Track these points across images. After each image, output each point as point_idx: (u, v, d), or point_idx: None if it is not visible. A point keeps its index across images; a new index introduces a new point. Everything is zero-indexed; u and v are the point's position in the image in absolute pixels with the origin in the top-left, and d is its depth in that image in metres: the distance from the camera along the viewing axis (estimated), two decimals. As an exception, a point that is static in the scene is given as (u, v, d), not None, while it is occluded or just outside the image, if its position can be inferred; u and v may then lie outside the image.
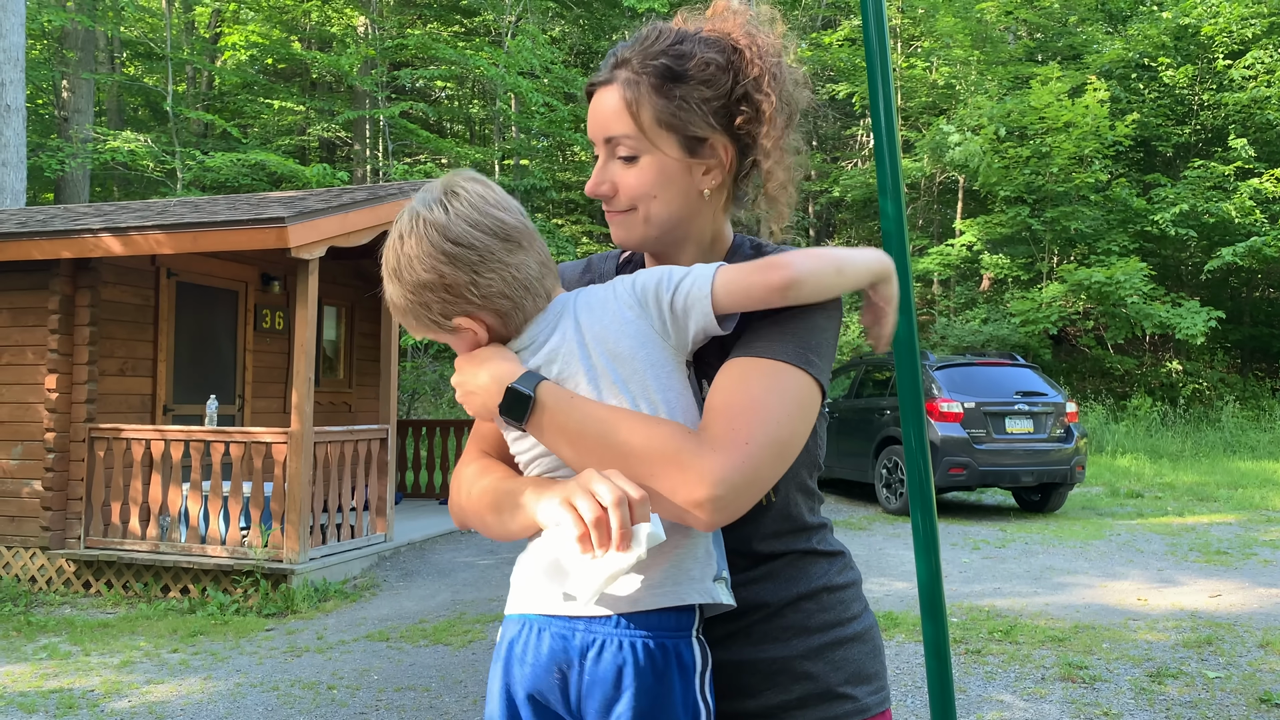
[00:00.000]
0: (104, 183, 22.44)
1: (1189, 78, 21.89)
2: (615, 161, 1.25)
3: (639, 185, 1.24)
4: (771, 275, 1.16)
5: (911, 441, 2.02)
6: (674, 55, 1.22)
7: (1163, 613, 6.17)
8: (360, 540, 7.83)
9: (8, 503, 7.54)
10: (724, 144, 1.24)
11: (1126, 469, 14.75)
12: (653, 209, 1.25)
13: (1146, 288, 18.46)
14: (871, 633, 1.32)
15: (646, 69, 1.22)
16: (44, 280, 7.51)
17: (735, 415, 1.11)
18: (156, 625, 6.28)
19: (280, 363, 9.86)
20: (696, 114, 1.22)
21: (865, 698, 1.26)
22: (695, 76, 1.22)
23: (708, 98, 1.22)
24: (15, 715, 4.55)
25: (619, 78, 1.24)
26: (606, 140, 1.25)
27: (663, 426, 1.11)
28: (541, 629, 1.14)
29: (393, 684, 4.95)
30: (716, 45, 1.24)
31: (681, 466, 1.07)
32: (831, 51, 23.83)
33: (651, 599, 1.12)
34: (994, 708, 4.44)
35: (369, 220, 7.57)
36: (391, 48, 20.34)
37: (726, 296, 1.16)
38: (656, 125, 1.22)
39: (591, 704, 1.11)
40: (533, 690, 1.14)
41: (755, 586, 1.24)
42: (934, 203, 24.23)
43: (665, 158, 1.23)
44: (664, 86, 1.21)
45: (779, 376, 1.14)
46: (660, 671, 1.10)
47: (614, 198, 1.26)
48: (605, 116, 1.24)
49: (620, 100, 1.23)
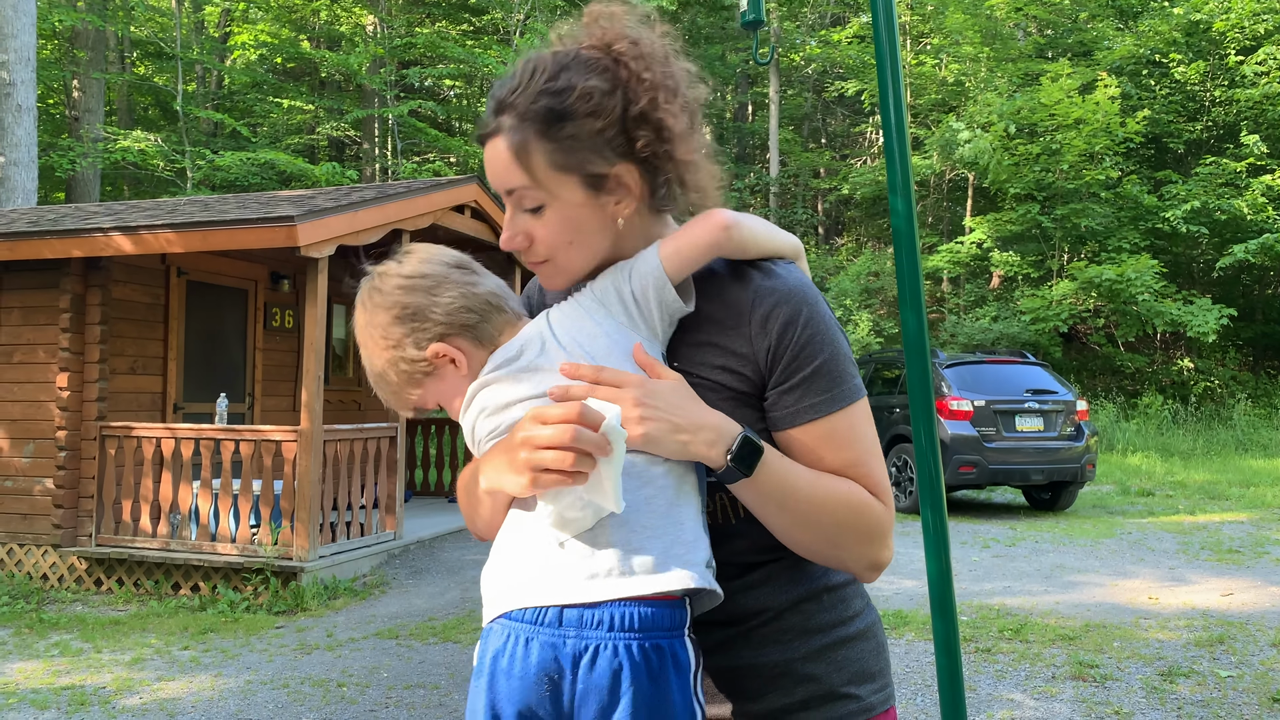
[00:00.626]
0: (114, 182, 22.54)
1: (1200, 74, 21.78)
2: (523, 215, 1.19)
3: (550, 236, 1.19)
4: (712, 219, 1.17)
5: (922, 440, 2.01)
6: (553, 92, 1.14)
7: (1174, 611, 6.14)
8: (370, 538, 7.85)
9: (20, 500, 7.58)
10: (629, 171, 1.17)
11: (1137, 467, 14.69)
12: (571, 257, 1.21)
13: (1158, 285, 18.38)
14: (873, 630, 1.30)
15: (529, 114, 1.14)
16: (55, 279, 7.55)
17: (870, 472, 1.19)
18: (167, 623, 6.31)
19: (290, 361, 9.88)
20: (591, 151, 1.15)
21: (869, 696, 1.24)
22: (581, 110, 1.14)
23: (599, 129, 1.14)
24: (28, 712, 4.57)
25: (504, 126, 1.16)
26: (508, 192, 1.19)
27: (855, 491, 1.17)
28: (529, 639, 1.08)
29: (402, 681, 4.96)
30: (598, 67, 1.16)
31: (875, 537, 1.19)
32: (840, 49, 23.79)
33: (646, 583, 1.08)
34: (1004, 706, 4.42)
35: (378, 219, 7.58)
36: (400, 46, 20.38)
37: (674, 259, 1.17)
38: (552, 171, 1.15)
39: (587, 713, 1.07)
40: (521, 706, 1.08)
41: (754, 591, 1.22)
42: (943, 200, 24.17)
43: (569, 203, 1.17)
44: (550, 129, 1.14)
45: (859, 417, 1.20)
46: (656, 674, 1.07)
47: (530, 249, 1.21)
48: (498, 169, 1.18)
49: (508, 152, 1.16)
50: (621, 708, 1.05)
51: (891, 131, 1.94)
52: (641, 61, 1.17)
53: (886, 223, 25.48)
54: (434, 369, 1.23)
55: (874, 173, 23.28)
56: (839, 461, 1.17)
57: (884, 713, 1.26)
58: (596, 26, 1.19)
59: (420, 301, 1.22)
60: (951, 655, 1.99)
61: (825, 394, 1.17)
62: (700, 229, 1.18)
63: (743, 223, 1.18)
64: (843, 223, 29.29)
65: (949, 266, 21.15)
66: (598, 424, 1.03)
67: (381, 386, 1.27)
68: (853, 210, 27.39)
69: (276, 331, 9.75)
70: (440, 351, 1.22)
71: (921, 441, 2.01)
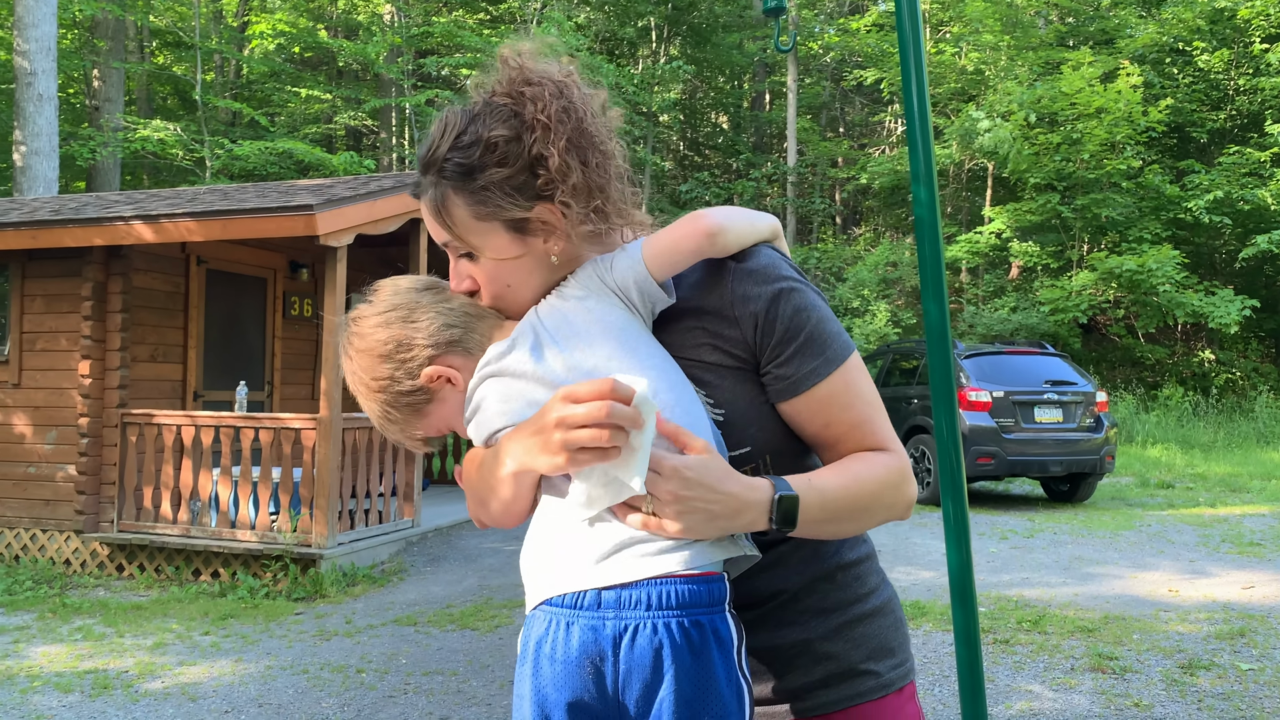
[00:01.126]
0: (134, 171, 22.67)
1: (1224, 62, 21.52)
2: (463, 260, 1.25)
3: (490, 282, 1.24)
4: (697, 224, 1.19)
5: (943, 430, 2.00)
6: (461, 148, 1.19)
7: (1194, 604, 6.11)
8: (388, 526, 7.89)
9: (43, 487, 7.66)
10: (548, 210, 1.19)
11: (1157, 459, 14.59)
12: (514, 297, 1.26)
13: (1179, 276, 18.21)
14: (890, 605, 1.31)
15: (443, 171, 1.20)
16: (77, 267, 7.61)
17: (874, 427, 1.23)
18: (188, 608, 6.37)
19: (308, 349, 9.93)
20: (504, 199, 1.18)
21: (888, 672, 1.26)
22: (488, 162, 1.18)
23: (508, 177, 1.18)
24: (52, 695, 4.63)
25: (424, 185, 1.22)
26: (444, 244, 1.25)
27: (874, 462, 1.21)
28: (569, 623, 1.09)
29: (420, 668, 4.99)
30: (503, 115, 1.20)
31: (898, 486, 1.23)
32: (859, 37, 23.64)
33: (679, 558, 1.08)
34: (1022, 697, 4.41)
35: (396, 208, 7.60)
36: (417, 36, 20.40)
37: (658, 261, 1.20)
38: (474, 221, 1.20)
39: (631, 693, 1.07)
40: (567, 692, 1.08)
41: (769, 574, 1.23)
42: (963, 190, 24.01)
43: (499, 249, 1.21)
44: (464, 183, 1.19)
45: (854, 374, 1.23)
46: (698, 650, 1.06)
47: (478, 292, 1.27)
48: (431, 224, 1.24)
49: (431, 210, 1.22)
50: (665, 685, 1.06)
51: (914, 120, 1.92)
52: (540, 103, 1.19)
53: (905, 212, 25.37)
54: (433, 394, 1.26)
55: (893, 162, 23.14)
56: (845, 421, 1.21)
57: (903, 688, 1.27)
58: (506, 69, 1.23)
59: (400, 333, 1.25)
60: (971, 646, 1.99)
61: (819, 358, 1.20)
62: (685, 235, 1.20)
63: (727, 228, 1.20)
64: (860, 212, 29.15)
65: (968, 257, 21.01)
66: (629, 397, 1.03)
67: (389, 428, 1.30)
68: (871, 200, 27.24)
69: (295, 320, 9.80)
70: (435, 374, 1.25)
71: (943, 432, 2.00)
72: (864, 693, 1.23)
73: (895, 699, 1.26)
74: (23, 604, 6.49)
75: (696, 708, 1.06)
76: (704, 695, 1.06)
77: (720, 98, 30.28)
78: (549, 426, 1.07)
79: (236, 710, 4.40)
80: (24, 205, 8.91)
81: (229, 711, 4.38)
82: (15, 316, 7.80)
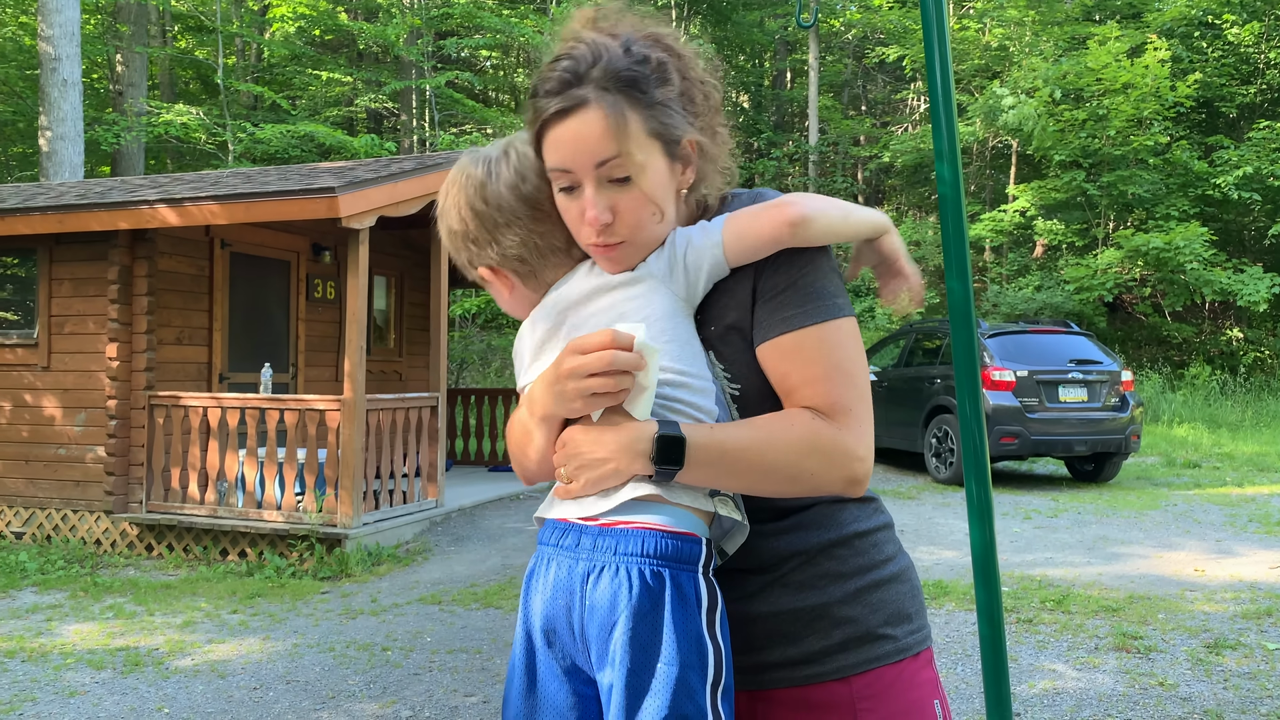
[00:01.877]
0: (158, 155, 22.82)
1: (1255, 35, 21.14)
2: (609, 186, 1.19)
3: (636, 209, 1.20)
4: (781, 212, 1.20)
5: (967, 410, 1.99)
6: (636, 61, 1.17)
7: (1221, 584, 6.07)
8: (412, 506, 7.96)
9: (73, 468, 7.77)
10: (690, 142, 1.22)
11: (1184, 439, 14.46)
12: (655, 230, 1.22)
13: (1207, 253, 17.97)
14: (908, 573, 1.33)
15: (618, 81, 1.16)
16: (103, 251, 7.68)
17: (830, 389, 1.19)
18: (216, 587, 6.46)
19: (332, 332, 10.00)
20: (676, 115, 1.20)
21: (905, 637, 1.28)
22: (660, 78, 1.19)
23: (674, 96, 1.20)
24: (85, 672, 4.71)
25: (590, 98, 1.16)
26: (598, 165, 1.17)
27: (797, 424, 1.18)
28: (550, 559, 1.18)
29: (445, 646, 5.05)
30: (647, 44, 1.21)
31: (832, 457, 1.18)
32: (881, 14, 23.39)
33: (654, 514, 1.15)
34: (1046, 677, 4.41)
35: (417, 190, 7.62)
36: (437, 17, 20.36)
37: (736, 245, 1.21)
38: (645, 137, 1.18)
39: (592, 629, 1.13)
40: (545, 621, 1.17)
41: (786, 536, 1.26)
42: (986, 168, 23.77)
43: (657, 171, 1.20)
44: (642, 95, 1.17)
45: (833, 333, 1.21)
46: (656, 598, 1.11)
47: (610, 228, 1.20)
48: (590, 142, 1.17)
49: (604, 121, 1.16)
50: (620, 626, 1.11)
51: (938, 98, 1.90)
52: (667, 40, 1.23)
53: (927, 191, 25.14)
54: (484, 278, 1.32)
55: (915, 140, 22.93)
56: (802, 375, 1.19)
57: (920, 653, 1.29)
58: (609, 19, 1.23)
59: (483, 235, 1.28)
60: (995, 625, 1.98)
61: (798, 309, 1.21)
62: (767, 221, 1.21)
63: (812, 218, 1.20)
64: (883, 191, 28.93)
65: (992, 235, 20.83)
66: (630, 344, 1.10)
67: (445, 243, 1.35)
68: (893, 178, 27.03)
69: (319, 302, 9.87)
70: (486, 276, 1.31)
71: (966, 411, 1.99)
72: (881, 656, 1.25)
73: (912, 663, 1.28)
74: (55, 583, 6.61)
75: (650, 652, 1.09)
76: (656, 641, 1.10)
77: (741, 76, 30.08)
78: (562, 376, 1.14)
79: (265, 687, 4.46)
80: (50, 190, 9.00)
81: (258, 688, 4.45)
82: (43, 300, 7.89)
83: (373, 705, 4.22)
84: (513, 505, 9.03)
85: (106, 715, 4.15)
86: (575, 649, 1.16)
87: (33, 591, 6.41)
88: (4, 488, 7.99)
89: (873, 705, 1.23)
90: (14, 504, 7.95)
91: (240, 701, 4.29)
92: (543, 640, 1.18)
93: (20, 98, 20.28)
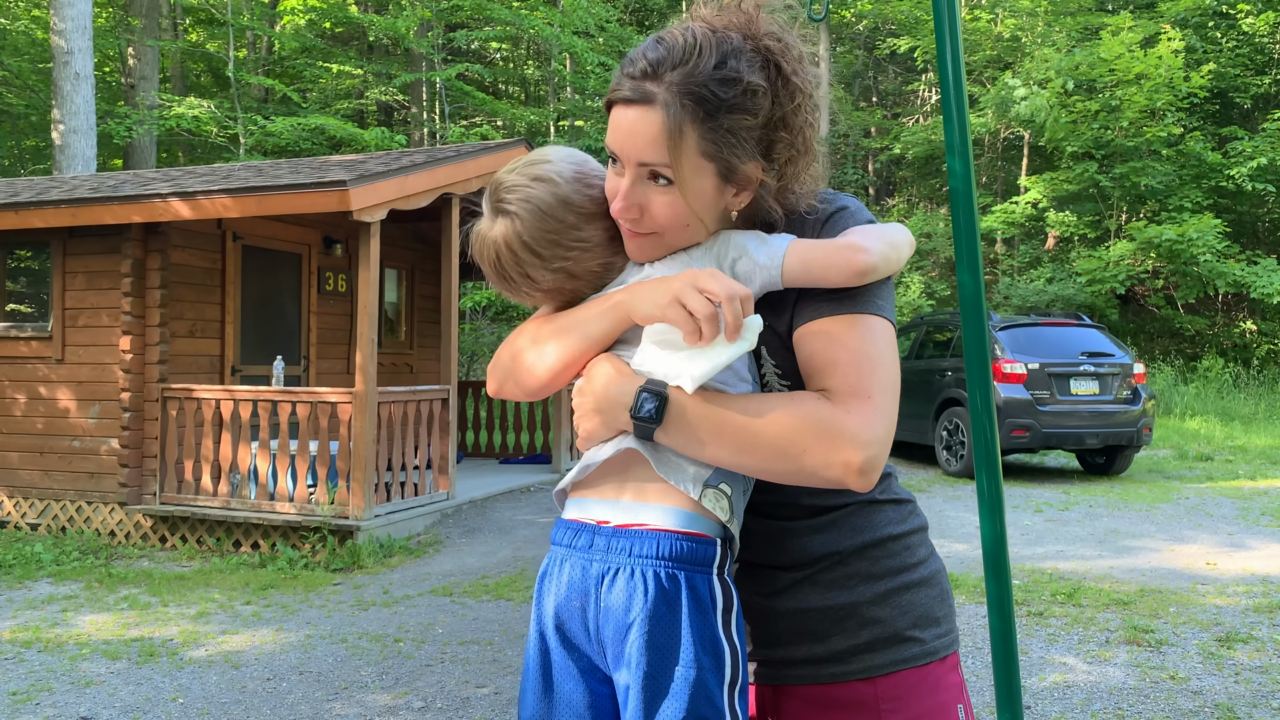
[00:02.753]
0: (169, 148, 22.88)
1: (1270, 25, 20.96)
2: (646, 184, 1.17)
3: (673, 215, 1.18)
4: (853, 259, 1.16)
5: (977, 402, 1.99)
6: (721, 81, 1.13)
7: (1232, 577, 6.05)
8: (423, 498, 7.99)
9: (87, 460, 7.83)
10: (757, 169, 1.19)
11: (1196, 431, 14.40)
12: (680, 237, 1.21)
13: (1220, 245, 17.86)
14: (938, 577, 1.33)
15: (691, 94, 1.12)
16: (116, 244, 7.72)
17: (848, 373, 1.15)
18: (229, 578, 6.50)
19: (343, 324, 10.03)
20: (740, 145, 1.16)
21: (932, 641, 1.27)
22: (740, 105, 1.14)
23: (750, 126, 1.15)
24: (100, 662, 4.76)
25: (658, 99, 1.13)
26: (640, 164, 1.16)
27: (798, 400, 1.14)
28: (564, 559, 1.18)
29: (457, 637, 5.07)
30: (759, 64, 1.15)
31: (830, 437, 1.10)
32: (893, 4, 23.27)
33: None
34: (1056, 670, 4.41)
35: (428, 183, 7.63)
36: (447, 9, 20.33)
37: (799, 272, 1.18)
38: (698, 157, 1.15)
39: (607, 631, 1.13)
40: (559, 620, 1.17)
41: (820, 535, 1.26)
42: (998, 159, 23.66)
43: (699, 190, 1.17)
44: (709, 117, 1.13)
45: (865, 325, 1.18)
46: (672, 601, 1.10)
47: (640, 220, 1.19)
48: (640, 141, 1.15)
49: (661, 128, 1.13)
50: (636, 629, 1.11)
51: (949, 92, 1.90)
52: (789, 64, 1.17)
53: (939, 183, 25.05)
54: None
55: (926, 132, 22.84)
56: (825, 359, 1.16)
57: (946, 657, 1.29)
58: (741, 13, 1.18)
59: (528, 261, 1.26)
60: (1005, 618, 1.99)
61: (833, 301, 1.18)
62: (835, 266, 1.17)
63: (878, 269, 1.18)
64: (894, 183, 28.82)
65: (1003, 227, 20.74)
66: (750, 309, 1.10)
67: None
68: (904, 170, 26.93)
69: (330, 295, 9.90)
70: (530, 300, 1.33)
71: (977, 404, 1.99)
72: (908, 659, 1.25)
73: (938, 667, 1.27)
74: (70, 574, 6.66)
75: (667, 655, 1.09)
76: (673, 644, 1.10)
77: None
78: (685, 281, 1.12)
79: (278, 678, 4.50)
80: (64, 183, 9.05)
81: (271, 679, 4.48)
82: (57, 293, 7.94)
83: (385, 696, 4.25)
84: (524, 497, 9.06)
85: (122, 705, 4.19)
86: (591, 649, 1.16)
87: (48, 582, 6.46)
88: (19, 479, 8.05)
89: (896, 707, 1.23)
90: (29, 495, 8.01)
91: (254, 692, 4.32)
92: (557, 640, 1.17)
93: (33, 91, 20.37)
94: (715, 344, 1.10)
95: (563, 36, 18.66)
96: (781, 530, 1.26)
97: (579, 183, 1.26)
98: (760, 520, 1.26)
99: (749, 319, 1.10)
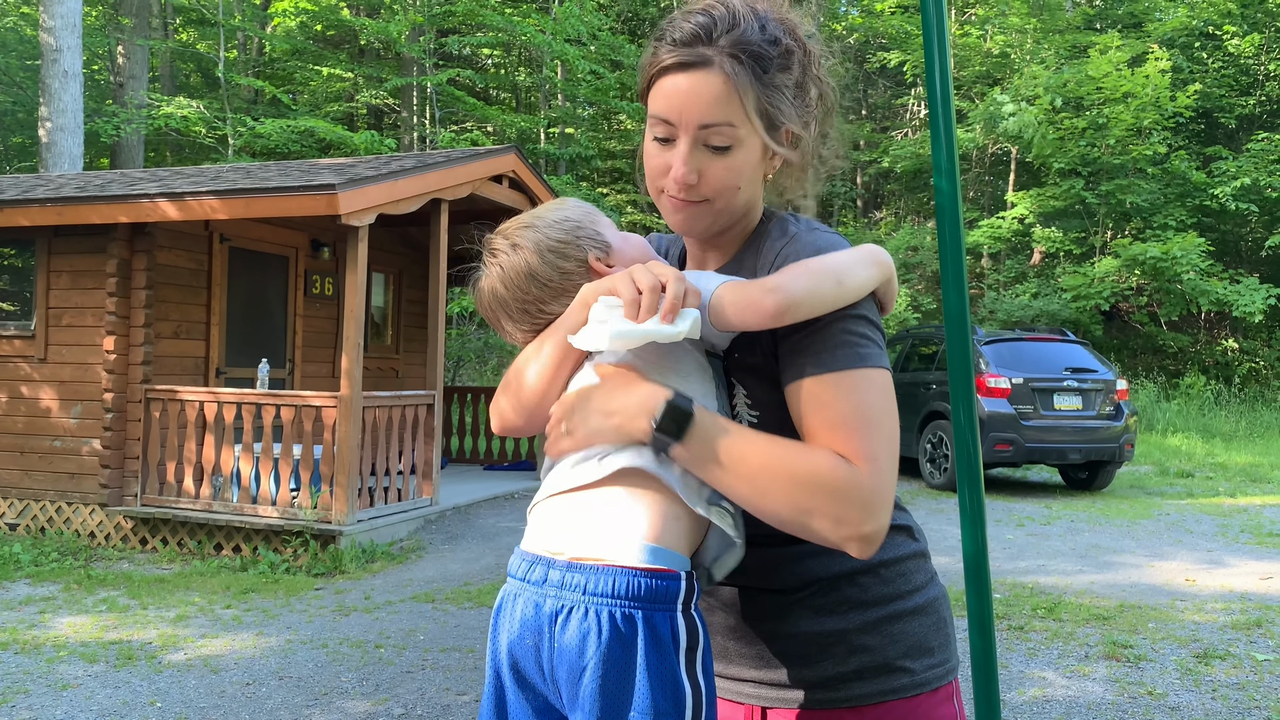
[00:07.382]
0: (158, 148, 22.79)
1: (1255, 46, 21.22)
2: (704, 149, 1.19)
3: (729, 177, 1.20)
4: (765, 301, 1.12)
5: (961, 417, 2.01)
6: (767, 40, 1.19)
7: (1211, 594, 6.09)
8: (407, 503, 7.97)
9: (68, 460, 7.77)
10: (792, 129, 1.23)
11: (1177, 448, 14.50)
12: (733, 202, 1.23)
13: (1204, 264, 18.04)
14: (935, 605, 1.29)
15: (746, 53, 1.17)
16: (102, 244, 7.68)
17: (847, 435, 1.11)
18: (210, 582, 6.46)
19: (330, 328, 10.00)
20: (786, 101, 1.20)
21: (923, 671, 1.24)
22: (784, 64, 1.20)
23: (788, 85, 1.21)
24: (78, 665, 4.72)
25: (714, 60, 1.17)
26: (702, 126, 1.18)
27: (820, 454, 1.10)
28: (517, 595, 1.12)
29: (438, 644, 5.05)
30: (783, 28, 1.22)
31: (845, 499, 1.07)
32: (883, 19, 23.43)
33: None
34: (1036, 684, 4.43)
35: (418, 188, 7.63)
36: (439, 14, 20.34)
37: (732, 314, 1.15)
38: (754, 114, 1.19)
39: (560, 673, 1.08)
40: (513, 659, 1.12)
41: (811, 560, 1.23)
42: (985, 174, 23.82)
43: (753, 149, 1.21)
44: (763, 74, 1.18)
45: (851, 383, 1.13)
46: (627, 644, 1.05)
47: (694, 187, 1.21)
48: (704, 102, 1.17)
49: (725, 86, 1.16)
50: (589, 672, 1.05)
51: (938, 111, 1.92)
52: (808, 34, 1.25)
53: (926, 196, 25.19)
54: None
55: (915, 146, 22.96)
56: (818, 421, 1.12)
57: (939, 689, 1.26)
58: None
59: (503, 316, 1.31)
60: (985, 632, 2.00)
61: (812, 356, 1.14)
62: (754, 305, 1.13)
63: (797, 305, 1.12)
64: (882, 196, 28.96)
65: (989, 242, 20.88)
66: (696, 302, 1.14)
67: None
68: (892, 184, 27.06)
69: (317, 298, 9.87)
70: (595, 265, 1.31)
71: (960, 418, 2.00)
72: (896, 689, 1.22)
73: (929, 699, 1.24)
74: (49, 575, 6.61)
75: (621, 701, 1.04)
76: (628, 690, 1.04)
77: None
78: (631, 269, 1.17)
79: (258, 682, 4.47)
80: (50, 181, 9.00)
81: (250, 683, 4.46)
82: (41, 292, 7.89)
83: (365, 703, 4.23)
84: (507, 504, 9.04)
85: (99, 708, 4.15)
86: (546, 688, 1.12)
87: (26, 583, 6.41)
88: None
89: None
90: (8, 495, 7.95)
91: (232, 697, 4.30)
92: (511, 679, 1.13)
93: (20, 88, 20.27)
94: (649, 320, 1.12)
95: (555, 44, 18.70)
96: (775, 554, 1.24)
97: (556, 254, 1.26)
98: (753, 544, 1.23)
99: (687, 309, 1.12)
